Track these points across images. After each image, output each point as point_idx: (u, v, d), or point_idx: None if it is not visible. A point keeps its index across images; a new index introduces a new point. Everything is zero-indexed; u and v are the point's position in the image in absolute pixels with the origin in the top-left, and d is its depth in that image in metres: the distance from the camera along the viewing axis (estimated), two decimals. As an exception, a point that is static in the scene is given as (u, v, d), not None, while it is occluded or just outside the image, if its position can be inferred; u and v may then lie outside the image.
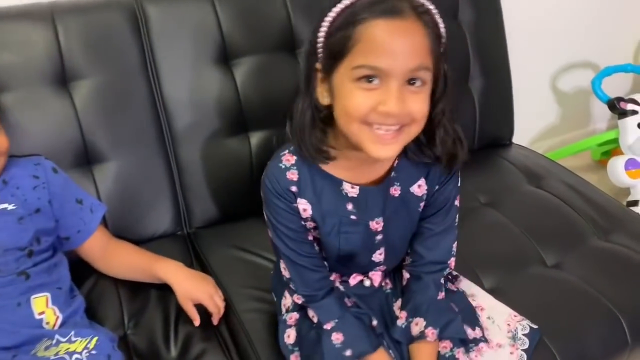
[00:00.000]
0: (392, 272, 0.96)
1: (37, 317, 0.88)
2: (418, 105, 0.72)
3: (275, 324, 0.97)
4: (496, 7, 1.47)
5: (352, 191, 0.83)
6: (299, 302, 0.87)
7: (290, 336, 0.88)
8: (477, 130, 1.45)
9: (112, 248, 1.05)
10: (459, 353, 0.87)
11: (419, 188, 0.86)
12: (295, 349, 0.87)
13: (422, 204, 0.87)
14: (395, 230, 0.87)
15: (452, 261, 0.91)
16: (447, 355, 0.86)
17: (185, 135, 1.16)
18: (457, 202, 0.90)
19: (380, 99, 0.70)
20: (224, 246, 1.15)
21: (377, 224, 0.85)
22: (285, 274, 0.86)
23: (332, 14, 0.73)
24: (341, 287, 0.91)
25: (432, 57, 0.72)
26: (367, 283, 0.93)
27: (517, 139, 1.56)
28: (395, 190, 0.85)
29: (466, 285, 1.00)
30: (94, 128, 1.08)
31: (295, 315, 0.90)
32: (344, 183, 0.82)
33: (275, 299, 0.99)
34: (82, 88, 1.07)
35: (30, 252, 0.92)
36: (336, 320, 0.84)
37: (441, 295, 0.90)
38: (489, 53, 1.46)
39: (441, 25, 0.74)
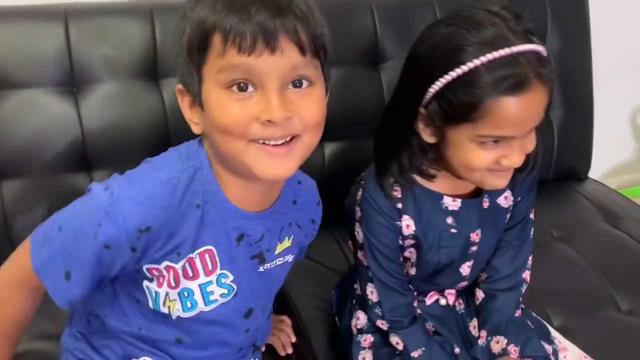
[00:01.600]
0: (464, 293, 0.95)
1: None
2: (532, 145, 0.76)
3: (336, 336, 0.98)
4: (585, 36, 1.43)
5: (453, 205, 0.84)
6: (384, 327, 0.87)
7: (365, 358, 0.88)
8: (554, 161, 1.42)
9: None
10: None
11: (505, 200, 0.87)
12: None
13: (507, 216, 0.88)
14: (485, 241, 0.87)
15: (527, 275, 0.92)
16: None
17: (263, 140, 1.19)
18: (532, 215, 0.91)
19: (503, 154, 0.73)
20: (291, 252, 1.16)
21: (476, 235, 0.86)
22: (372, 297, 0.86)
23: (452, 73, 0.71)
24: (418, 310, 0.91)
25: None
26: (442, 302, 0.93)
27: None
28: (485, 202, 0.86)
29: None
30: (179, 124, 1.11)
31: (369, 338, 0.90)
32: (444, 197, 0.83)
33: (336, 318, 0.99)
34: (171, 84, 1.11)
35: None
36: (423, 349, 0.84)
37: (518, 313, 0.90)
38: (573, 83, 1.42)
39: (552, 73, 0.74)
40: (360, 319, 0.91)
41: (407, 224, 0.83)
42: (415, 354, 0.84)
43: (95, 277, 0.66)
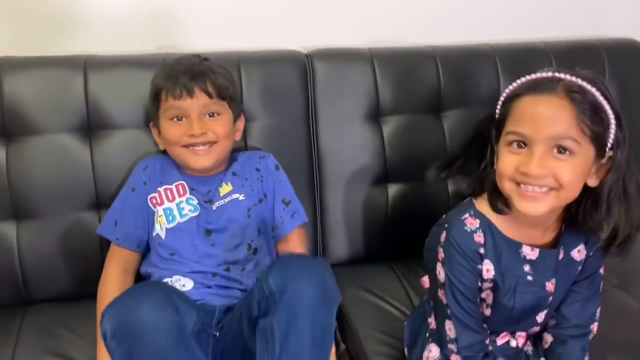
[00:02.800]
0: (533, 335, 1.00)
1: None
2: (563, 171, 0.80)
3: (402, 371, 1.03)
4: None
5: (531, 254, 0.90)
6: None
7: None
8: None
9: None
10: None
11: (579, 253, 0.92)
12: None
13: (579, 268, 0.93)
14: (558, 291, 0.93)
15: (594, 326, 0.96)
16: None
17: (332, 179, 1.27)
18: (602, 270, 0.96)
19: (524, 161, 0.81)
20: (354, 286, 1.23)
21: (551, 285, 0.91)
22: (450, 334, 0.92)
23: (504, 94, 0.86)
24: (490, 347, 0.96)
25: (580, 129, 0.79)
26: (513, 343, 0.97)
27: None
28: (560, 254, 0.91)
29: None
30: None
31: (440, 371, 0.95)
32: (523, 246, 0.89)
33: (406, 350, 1.04)
34: (255, 128, 1.22)
35: (254, 250, 1.08)
36: None
37: (586, 359, 0.95)
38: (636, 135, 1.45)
39: (605, 107, 0.80)
40: (433, 351, 0.96)
41: (488, 268, 0.89)
42: None
43: (134, 220, 1.08)
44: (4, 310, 1.12)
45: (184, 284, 1.03)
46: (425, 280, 1.00)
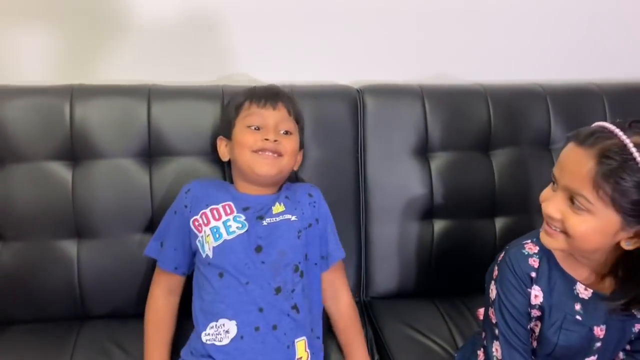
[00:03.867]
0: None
1: None
2: (571, 223, 0.83)
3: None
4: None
5: (584, 293, 0.89)
6: None
7: None
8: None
9: (338, 291, 1.16)
10: None
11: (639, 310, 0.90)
12: None
13: (638, 326, 0.91)
14: (610, 341, 0.91)
15: None
16: None
17: (378, 212, 1.29)
18: None
19: (548, 198, 0.86)
20: (397, 321, 1.23)
21: (600, 331, 0.90)
22: (497, 354, 0.92)
23: None
24: None
25: (595, 193, 0.79)
26: None
27: None
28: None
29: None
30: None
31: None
32: (578, 283, 0.89)
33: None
34: (306, 161, 1.25)
35: (301, 274, 1.07)
36: None
37: None
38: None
39: None
40: (483, 377, 0.96)
41: (536, 295, 0.90)
42: None
43: (175, 242, 1.10)
44: (62, 324, 1.18)
45: (227, 329, 1.01)
46: (481, 312, 1.00)
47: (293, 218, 1.10)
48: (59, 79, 1.25)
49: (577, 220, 0.81)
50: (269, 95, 1.12)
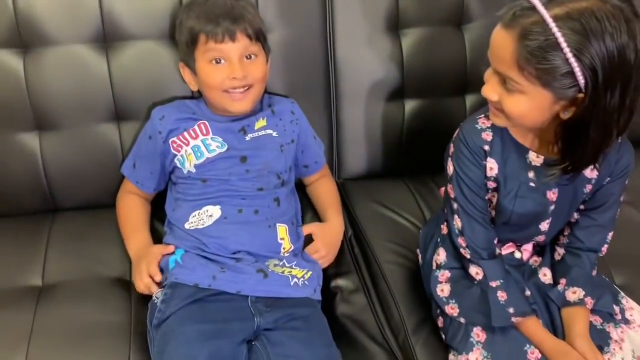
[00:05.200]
0: (539, 252, 1.03)
1: (279, 241, 1.05)
2: (507, 103, 0.82)
3: (413, 278, 1.09)
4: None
5: (536, 160, 0.91)
6: (467, 256, 0.96)
7: (444, 290, 0.98)
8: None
9: (323, 179, 1.23)
10: (609, 327, 0.96)
11: (591, 171, 0.92)
12: (450, 301, 0.97)
13: (589, 186, 0.94)
14: (563, 203, 0.95)
15: (605, 248, 1.00)
16: (598, 327, 0.95)
17: (348, 94, 1.27)
18: (621, 199, 0.98)
19: (487, 80, 0.85)
20: (369, 200, 1.26)
21: (553, 194, 0.93)
22: (458, 225, 0.95)
23: None
24: (498, 251, 0.99)
25: (521, 74, 0.79)
26: (517, 255, 1.01)
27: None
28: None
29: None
30: (274, 77, 1.20)
31: (446, 273, 1.00)
32: (530, 152, 0.91)
33: (420, 255, 1.09)
34: (271, 40, 1.16)
35: (282, 182, 1.10)
36: (501, 281, 0.94)
37: (594, 272, 0.99)
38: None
39: (565, 51, 0.75)
40: (441, 254, 1.01)
41: (491, 167, 0.92)
42: (493, 284, 0.94)
43: (151, 166, 1.11)
44: (33, 217, 1.17)
45: (211, 214, 1.04)
46: (443, 190, 1.02)
47: (274, 134, 1.11)
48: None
49: (512, 101, 0.81)
50: (226, 26, 1.02)
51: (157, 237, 1.11)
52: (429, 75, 1.28)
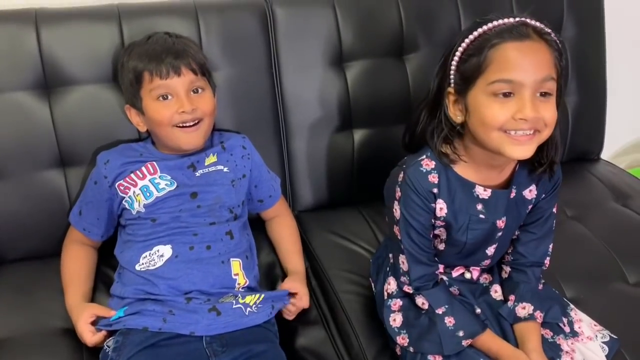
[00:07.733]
0: (489, 270, 1.06)
1: (233, 277, 1.04)
2: (549, 112, 0.85)
3: (371, 307, 1.09)
4: (599, 23, 1.50)
5: (484, 194, 0.94)
6: (410, 291, 0.98)
7: (396, 320, 0.99)
8: (568, 144, 1.50)
9: (281, 217, 1.23)
10: (560, 339, 0.98)
11: (530, 192, 0.97)
12: (402, 331, 0.98)
13: (529, 207, 0.98)
14: (508, 227, 0.98)
15: (547, 260, 1.03)
16: (549, 341, 0.97)
17: (297, 127, 1.28)
18: (554, 210, 1.02)
19: (516, 108, 0.83)
20: (324, 230, 1.27)
21: (502, 223, 0.96)
22: (403, 267, 0.97)
23: (463, 44, 0.86)
24: (445, 278, 1.02)
25: (555, 70, 0.85)
26: (467, 276, 1.04)
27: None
28: (512, 193, 0.96)
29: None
30: (223, 115, 1.21)
31: (398, 302, 1.00)
32: (476, 186, 0.93)
33: (372, 285, 1.10)
34: (218, 79, 1.18)
35: (235, 216, 1.09)
36: (446, 306, 0.95)
37: (540, 286, 1.02)
38: (587, 69, 1.49)
39: (559, 45, 0.85)
40: (391, 284, 1.02)
41: (441, 207, 0.93)
42: (439, 311, 0.95)
43: (97, 212, 1.09)
44: (-24, 272, 1.13)
45: (162, 253, 1.03)
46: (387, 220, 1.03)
47: (225, 169, 1.11)
48: None
49: (548, 109, 0.84)
50: (169, 62, 1.02)
51: (108, 284, 1.08)
52: (375, 105, 1.31)
